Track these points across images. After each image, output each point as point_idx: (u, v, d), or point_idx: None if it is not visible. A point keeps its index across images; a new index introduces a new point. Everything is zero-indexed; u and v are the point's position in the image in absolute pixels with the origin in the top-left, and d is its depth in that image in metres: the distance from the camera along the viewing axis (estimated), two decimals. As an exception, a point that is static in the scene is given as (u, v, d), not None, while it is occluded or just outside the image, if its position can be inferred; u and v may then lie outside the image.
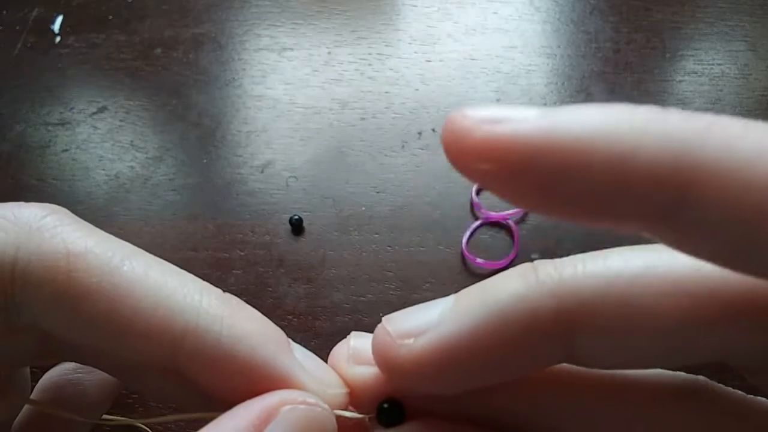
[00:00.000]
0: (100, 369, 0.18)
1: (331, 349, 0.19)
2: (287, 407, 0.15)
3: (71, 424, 0.20)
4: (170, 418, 0.17)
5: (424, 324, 0.14)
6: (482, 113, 0.12)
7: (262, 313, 0.18)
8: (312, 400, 0.15)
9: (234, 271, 0.47)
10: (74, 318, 0.14)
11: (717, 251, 0.12)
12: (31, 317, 0.15)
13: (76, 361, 0.18)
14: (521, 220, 0.48)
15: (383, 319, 0.15)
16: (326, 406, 0.15)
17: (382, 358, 0.14)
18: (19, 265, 0.14)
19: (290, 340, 0.17)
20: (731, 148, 0.10)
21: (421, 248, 0.47)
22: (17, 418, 0.19)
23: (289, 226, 0.48)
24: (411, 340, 0.14)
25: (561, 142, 0.11)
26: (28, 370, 0.19)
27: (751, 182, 0.10)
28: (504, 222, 0.48)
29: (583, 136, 0.11)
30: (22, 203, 0.16)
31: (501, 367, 0.15)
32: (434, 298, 0.15)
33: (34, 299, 0.14)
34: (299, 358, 0.16)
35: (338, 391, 0.16)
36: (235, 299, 0.16)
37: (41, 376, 0.21)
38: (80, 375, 0.20)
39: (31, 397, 0.20)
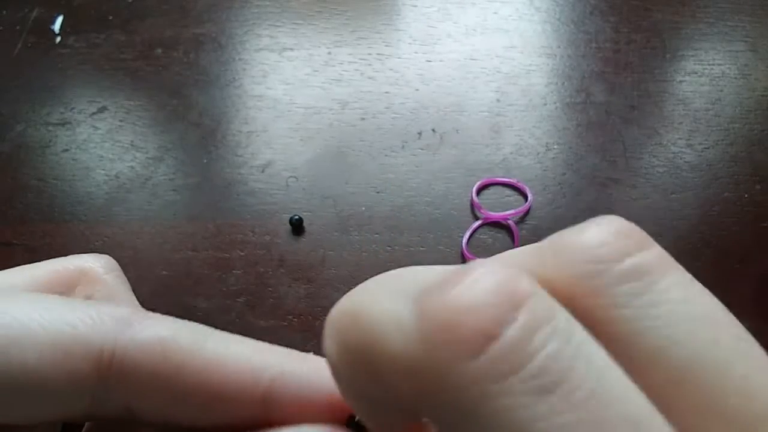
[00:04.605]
0: (156, 425, 0.19)
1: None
2: None
3: None
4: None
5: None
6: None
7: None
8: None
9: (234, 271, 0.47)
10: (168, 395, 0.17)
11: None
12: (123, 401, 0.17)
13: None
14: (521, 220, 0.48)
15: None
16: None
17: None
18: (117, 355, 0.17)
19: None
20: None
21: (421, 248, 0.47)
22: None
23: (289, 226, 0.48)
24: None
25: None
26: None
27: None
28: (504, 222, 0.48)
29: None
30: (110, 303, 0.19)
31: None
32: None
33: (131, 383, 0.17)
34: None
35: None
36: (299, 352, 0.19)
37: None
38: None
39: None
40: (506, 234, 0.48)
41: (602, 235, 0.11)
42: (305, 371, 0.18)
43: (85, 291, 0.20)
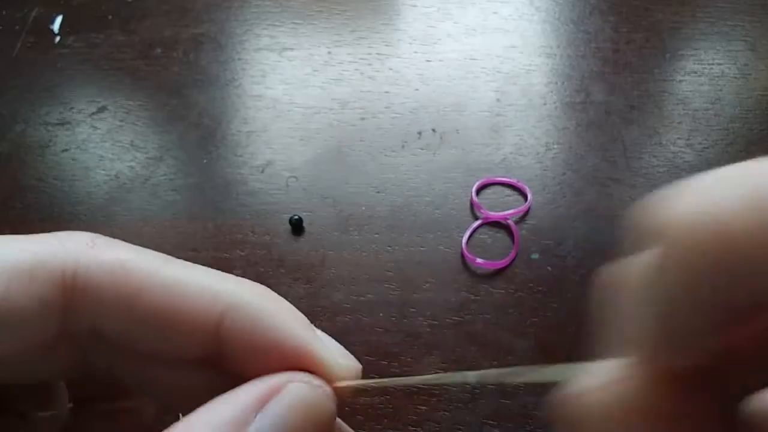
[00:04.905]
0: (133, 382, 0.19)
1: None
2: (292, 384, 0.17)
3: None
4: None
5: None
6: None
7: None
8: (317, 382, 0.17)
9: (234, 271, 0.47)
10: (131, 314, 0.17)
11: None
12: (89, 321, 0.18)
13: (108, 379, 0.20)
14: (521, 220, 0.48)
15: None
16: (329, 390, 0.18)
17: None
18: (80, 275, 0.17)
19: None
20: None
21: (421, 248, 0.47)
22: None
23: (289, 226, 0.48)
24: None
25: None
26: (63, 384, 0.21)
27: None
28: (504, 222, 0.48)
29: None
30: (72, 231, 0.19)
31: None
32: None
33: (95, 302, 0.17)
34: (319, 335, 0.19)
35: (351, 363, 0.19)
36: (263, 285, 0.19)
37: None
38: None
39: None
40: (506, 234, 0.48)
41: None
42: (258, 302, 0.18)
43: None
